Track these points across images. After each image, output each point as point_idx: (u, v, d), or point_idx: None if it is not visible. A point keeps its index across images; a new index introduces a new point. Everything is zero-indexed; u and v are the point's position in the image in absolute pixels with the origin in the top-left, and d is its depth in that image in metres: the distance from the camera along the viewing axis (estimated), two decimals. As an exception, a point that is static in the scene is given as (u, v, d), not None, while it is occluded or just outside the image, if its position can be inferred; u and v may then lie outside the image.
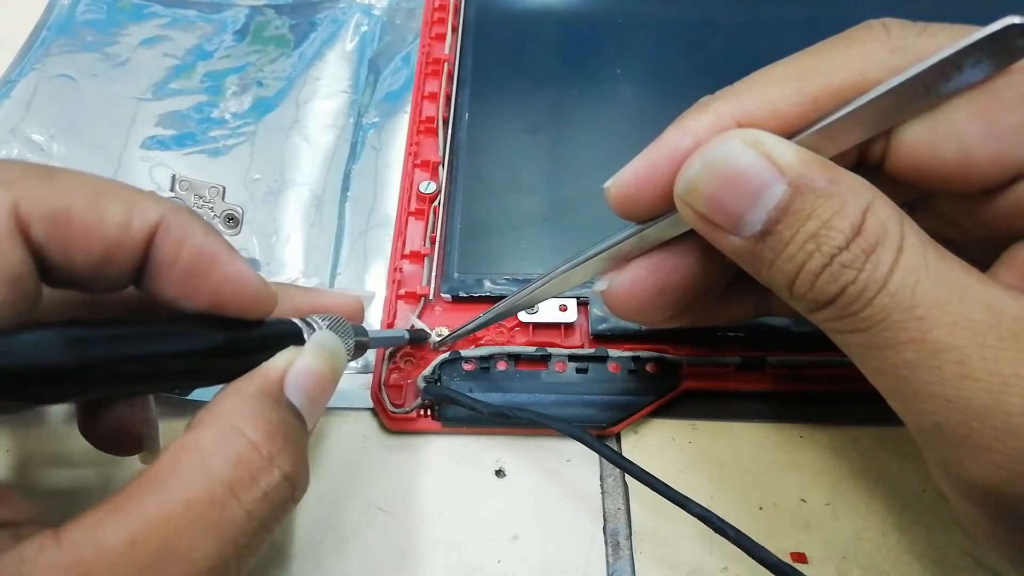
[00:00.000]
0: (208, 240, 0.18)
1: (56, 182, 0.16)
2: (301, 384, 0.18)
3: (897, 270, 0.15)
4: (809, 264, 0.16)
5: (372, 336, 0.23)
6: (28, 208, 0.15)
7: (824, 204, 0.15)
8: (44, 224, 0.15)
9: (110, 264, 0.17)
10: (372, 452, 0.25)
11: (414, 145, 0.32)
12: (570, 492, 0.25)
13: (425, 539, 0.24)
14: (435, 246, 0.29)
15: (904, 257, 0.15)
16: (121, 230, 0.16)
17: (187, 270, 0.17)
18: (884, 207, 0.16)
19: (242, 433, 0.16)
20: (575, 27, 0.37)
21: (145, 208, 0.17)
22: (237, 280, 0.18)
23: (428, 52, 0.36)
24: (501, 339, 0.27)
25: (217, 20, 0.39)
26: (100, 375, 0.15)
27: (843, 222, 0.15)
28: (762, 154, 0.16)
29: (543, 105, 0.33)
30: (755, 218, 0.16)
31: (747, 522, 0.21)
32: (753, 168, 0.16)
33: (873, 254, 0.15)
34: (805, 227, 0.16)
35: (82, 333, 0.15)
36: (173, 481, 0.15)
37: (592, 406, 0.25)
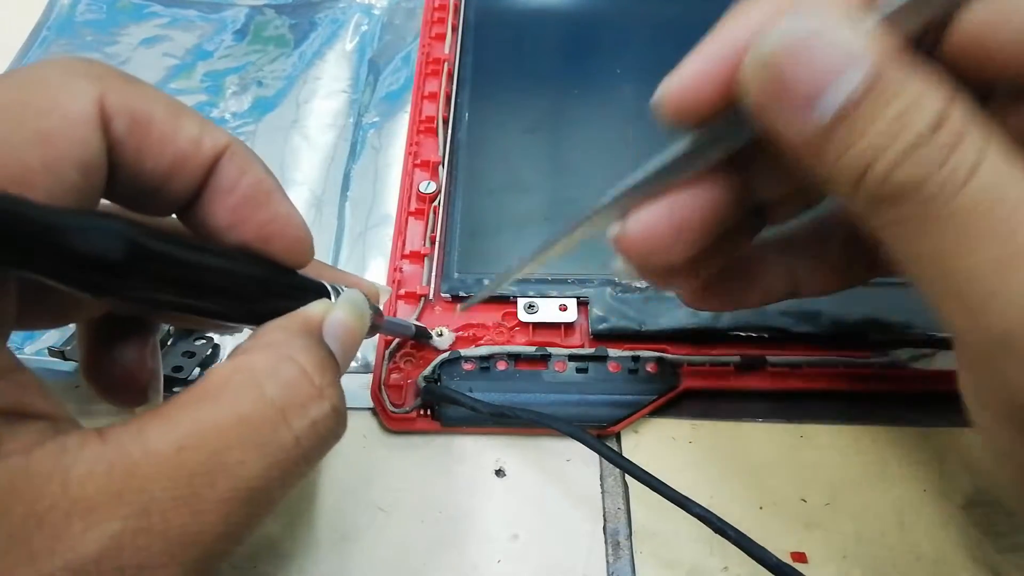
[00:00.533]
0: (267, 176, 0.19)
1: (141, 89, 0.17)
2: (337, 333, 0.18)
3: (983, 167, 0.14)
4: (887, 153, 0.14)
5: (387, 321, 0.23)
6: (113, 103, 0.16)
7: (909, 88, 0.14)
8: (126, 121, 0.16)
9: (176, 176, 0.17)
10: (372, 452, 0.25)
11: (414, 145, 0.32)
12: (570, 492, 0.25)
13: (425, 539, 0.24)
14: (435, 246, 0.29)
15: (991, 151, 0.14)
16: (193, 144, 0.17)
17: (244, 198, 0.18)
18: (966, 103, 0.14)
19: (295, 361, 0.16)
20: (575, 27, 0.37)
21: (216, 132, 0.18)
22: (287, 219, 0.19)
23: (428, 52, 0.36)
24: (501, 339, 0.27)
25: (217, 20, 0.39)
26: (150, 272, 0.15)
27: (925, 112, 0.14)
28: (848, 28, 0.14)
29: (543, 105, 0.33)
30: (831, 100, 0.15)
31: (747, 522, 0.21)
32: (836, 44, 0.14)
33: (960, 145, 0.14)
34: (886, 111, 0.14)
35: (139, 229, 0.15)
36: (225, 396, 0.15)
37: (592, 406, 0.25)
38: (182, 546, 0.14)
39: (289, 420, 0.15)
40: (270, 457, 0.15)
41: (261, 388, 0.15)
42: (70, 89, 0.15)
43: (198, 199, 0.18)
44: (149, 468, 0.14)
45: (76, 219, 0.14)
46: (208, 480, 0.14)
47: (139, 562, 0.13)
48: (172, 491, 0.14)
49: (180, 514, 0.14)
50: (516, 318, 0.27)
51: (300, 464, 0.16)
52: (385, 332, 0.24)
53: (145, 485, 0.14)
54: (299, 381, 0.16)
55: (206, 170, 0.17)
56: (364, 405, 0.26)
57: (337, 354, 0.18)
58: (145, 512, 0.13)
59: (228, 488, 0.14)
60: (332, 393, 0.17)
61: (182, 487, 0.14)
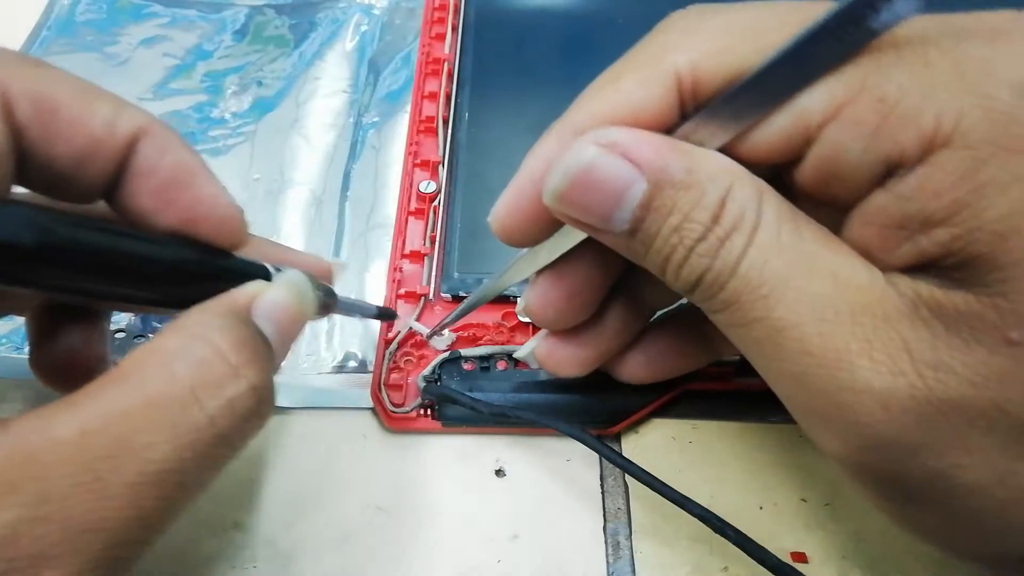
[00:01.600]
0: (190, 155, 0.18)
1: (48, 72, 0.16)
2: (268, 312, 0.18)
3: (749, 252, 0.15)
4: (673, 256, 0.16)
5: (340, 300, 0.22)
6: (16, 89, 0.15)
7: (684, 196, 0.16)
8: (30, 107, 0.16)
9: (90, 162, 0.16)
10: (372, 452, 0.25)
11: (414, 145, 0.32)
12: (570, 492, 0.25)
13: (425, 539, 0.24)
14: (435, 245, 0.29)
15: (757, 238, 0.15)
16: (106, 128, 0.16)
17: (166, 180, 0.17)
18: (743, 189, 0.16)
19: (209, 340, 0.16)
20: (575, 27, 0.37)
21: (132, 113, 0.17)
22: (212, 200, 0.18)
23: (428, 52, 0.36)
24: (501, 339, 0.27)
25: (217, 20, 0.39)
26: (61, 259, 0.15)
27: (702, 213, 0.16)
28: (619, 154, 0.16)
29: (543, 104, 0.33)
30: (621, 217, 0.16)
31: (747, 522, 0.21)
32: (611, 169, 0.16)
33: (728, 240, 0.16)
34: (668, 222, 0.16)
35: (50, 215, 0.15)
36: (133, 379, 0.15)
37: (592, 406, 0.25)
38: (84, 533, 0.13)
39: (201, 400, 0.15)
40: (181, 438, 0.15)
41: (171, 369, 0.15)
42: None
43: (120, 184, 0.17)
44: (49, 456, 0.13)
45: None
46: (113, 464, 0.14)
47: (35, 551, 0.13)
48: (73, 477, 0.13)
49: (82, 500, 0.13)
50: (516, 318, 0.27)
51: (217, 445, 0.15)
52: (342, 312, 0.23)
53: (44, 473, 0.13)
54: (212, 360, 0.15)
55: (122, 153, 0.17)
56: (364, 405, 0.26)
57: (271, 335, 0.17)
58: (43, 500, 0.13)
59: (135, 472, 0.14)
60: (251, 372, 0.16)
61: (84, 473, 0.13)
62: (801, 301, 0.15)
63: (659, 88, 0.16)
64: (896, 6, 0.13)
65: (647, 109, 0.16)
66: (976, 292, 0.14)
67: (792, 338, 0.15)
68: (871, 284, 0.15)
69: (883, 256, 0.16)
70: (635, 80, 0.16)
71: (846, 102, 0.15)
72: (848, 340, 0.15)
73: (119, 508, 0.14)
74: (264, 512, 0.24)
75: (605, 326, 0.22)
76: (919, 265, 0.15)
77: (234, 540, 0.23)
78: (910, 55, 0.14)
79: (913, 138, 0.14)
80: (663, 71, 0.16)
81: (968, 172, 0.14)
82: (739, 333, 0.17)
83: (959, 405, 0.14)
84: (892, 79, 0.14)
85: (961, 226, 0.14)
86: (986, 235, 0.14)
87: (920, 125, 0.14)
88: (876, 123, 0.14)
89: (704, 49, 0.16)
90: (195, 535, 0.23)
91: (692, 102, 0.16)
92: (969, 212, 0.14)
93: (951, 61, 0.14)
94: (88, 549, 0.13)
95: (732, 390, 0.26)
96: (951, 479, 0.15)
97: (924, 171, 0.14)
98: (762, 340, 0.16)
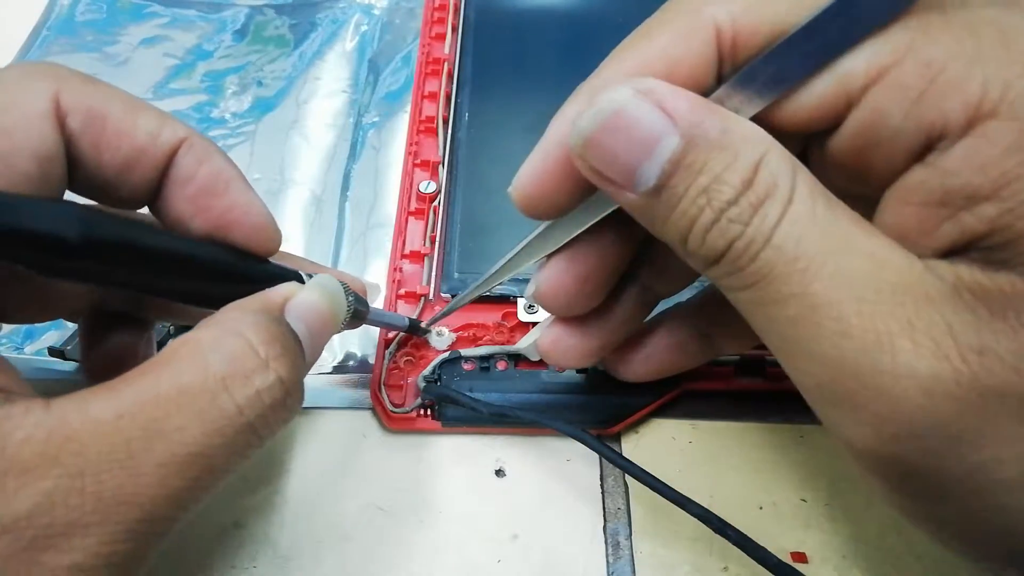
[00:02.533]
0: (227, 165, 0.19)
1: (98, 87, 0.18)
2: (302, 314, 0.18)
3: (783, 223, 0.15)
4: (700, 219, 0.15)
5: (372, 312, 0.23)
6: (69, 100, 0.17)
7: (717, 156, 0.15)
8: (81, 117, 0.17)
9: (134, 169, 0.18)
10: (372, 452, 0.25)
11: (414, 145, 0.32)
12: (570, 492, 0.25)
13: (425, 539, 0.24)
14: (435, 246, 0.29)
15: (792, 209, 0.15)
16: (150, 138, 0.18)
17: (203, 187, 0.19)
18: (777, 158, 0.15)
19: (241, 335, 0.17)
20: (575, 27, 0.37)
21: (174, 125, 0.19)
22: (247, 207, 0.19)
23: (428, 52, 0.36)
24: (501, 339, 0.27)
25: (217, 20, 0.39)
26: (105, 255, 0.16)
27: (734, 175, 0.15)
28: (653, 102, 0.15)
29: (543, 105, 0.33)
30: (649, 172, 0.15)
31: (747, 522, 0.21)
32: (645, 117, 0.15)
33: (761, 207, 0.15)
34: (697, 181, 0.15)
35: (98, 214, 0.16)
36: (167, 369, 0.16)
37: (592, 406, 0.25)
38: (118, 506, 0.14)
39: (230, 390, 0.16)
40: (210, 424, 0.15)
41: (204, 360, 0.16)
42: (26, 88, 0.17)
43: (161, 191, 0.19)
44: (87, 434, 0.14)
45: (32, 201, 0.15)
46: (145, 445, 0.15)
47: (70, 519, 0.14)
48: (108, 455, 0.14)
49: (115, 476, 0.14)
50: (516, 318, 0.27)
51: (245, 433, 0.16)
52: (373, 323, 0.24)
53: (81, 449, 0.14)
54: (243, 353, 0.16)
55: (164, 162, 0.18)
56: (364, 405, 0.26)
57: (303, 335, 0.18)
58: (79, 474, 0.14)
59: (166, 452, 0.15)
60: (279, 365, 0.17)
61: (119, 451, 0.14)
62: (839, 277, 0.14)
63: (697, 42, 0.15)
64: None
65: (683, 64, 0.16)
66: (1022, 273, 0.13)
67: (830, 317, 0.14)
68: (910, 266, 0.14)
69: (921, 239, 0.15)
70: (671, 33, 0.16)
71: (892, 64, 0.14)
72: (889, 321, 0.14)
73: (150, 485, 0.15)
74: (264, 512, 0.24)
75: (612, 315, 0.22)
76: (959, 247, 0.14)
77: (234, 540, 0.23)
78: (957, 22, 0.14)
79: (958, 106, 0.13)
80: (702, 24, 0.15)
81: (1016, 144, 0.13)
82: (769, 312, 0.15)
83: (1003, 393, 0.13)
84: (940, 43, 0.14)
85: (1010, 200, 0.13)
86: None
87: (966, 93, 0.13)
88: (921, 88, 0.14)
89: (744, 1, 0.15)
90: (195, 535, 0.23)
91: (730, 60, 0.16)
92: (1019, 185, 0.13)
93: (998, 30, 0.14)
94: (120, 521, 0.14)
95: (732, 390, 0.26)
96: (988, 474, 0.14)
97: (970, 142, 0.14)
98: (796, 319, 0.15)
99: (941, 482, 0.15)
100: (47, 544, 0.14)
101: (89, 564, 0.14)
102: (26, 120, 0.16)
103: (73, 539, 0.14)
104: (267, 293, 0.19)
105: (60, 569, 0.14)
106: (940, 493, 0.15)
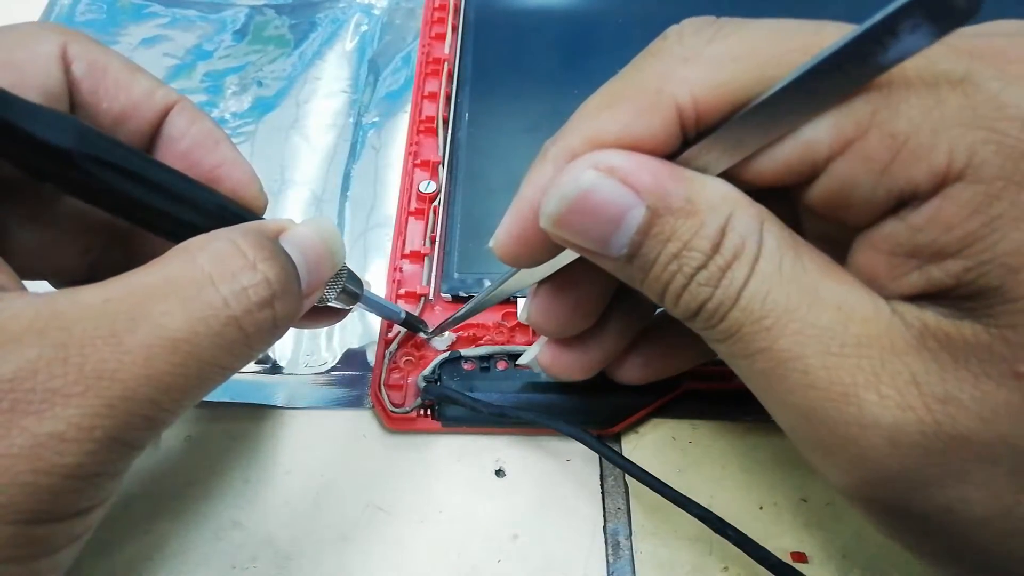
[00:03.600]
0: (214, 126, 0.21)
1: (101, 46, 0.20)
2: (298, 241, 0.19)
3: (751, 282, 0.15)
4: (672, 284, 0.16)
5: (367, 293, 0.23)
6: (75, 49, 0.19)
7: (684, 224, 0.15)
8: (85, 65, 0.19)
9: (130, 120, 0.20)
10: (372, 452, 0.25)
11: (414, 145, 0.32)
12: (570, 492, 0.25)
13: (425, 539, 0.24)
14: (435, 246, 0.29)
15: (759, 267, 0.15)
16: (146, 94, 0.20)
17: (193, 143, 0.20)
18: (744, 217, 0.15)
19: (231, 240, 0.17)
20: (575, 27, 0.37)
21: (167, 90, 0.20)
22: (234, 164, 0.21)
23: (428, 52, 0.36)
24: (501, 339, 0.27)
25: (217, 20, 0.39)
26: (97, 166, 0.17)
27: (703, 241, 0.15)
28: (618, 179, 0.16)
29: (543, 105, 0.33)
30: (619, 242, 0.16)
31: (747, 522, 0.21)
32: (609, 194, 0.16)
33: (729, 270, 0.15)
34: (667, 249, 0.16)
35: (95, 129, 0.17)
36: (157, 265, 0.16)
37: (592, 406, 0.25)
38: (99, 379, 0.15)
39: (216, 283, 0.16)
40: (196, 312, 0.16)
41: (192, 257, 0.17)
42: (36, 34, 0.19)
43: (154, 148, 0.20)
44: (74, 313, 0.15)
45: (35, 105, 0.16)
46: (131, 326, 0.15)
47: (52, 387, 0.14)
48: (94, 331, 0.15)
49: (99, 350, 0.15)
50: (516, 318, 0.27)
51: (232, 328, 0.16)
52: (369, 307, 0.24)
53: (67, 325, 0.15)
54: (230, 253, 0.17)
55: (158, 118, 0.20)
56: (364, 405, 0.26)
57: (299, 262, 0.18)
58: (63, 345, 0.15)
59: (151, 335, 0.15)
60: (267, 268, 0.17)
61: (103, 328, 0.15)
62: (805, 332, 0.15)
63: (659, 120, 0.16)
64: (904, 43, 0.13)
65: (646, 139, 0.16)
66: (985, 323, 0.14)
67: (797, 370, 0.15)
68: (876, 314, 0.15)
69: (890, 283, 0.15)
70: (633, 110, 0.16)
71: (855, 137, 0.14)
72: (855, 373, 0.15)
73: (133, 363, 0.15)
74: (264, 512, 0.24)
75: (607, 331, 0.22)
76: (927, 294, 0.15)
77: (234, 540, 0.23)
78: (920, 88, 0.14)
79: (925, 173, 0.14)
80: (663, 104, 0.16)
81: (981, 206, 0.14)
82: (742, 364, 0.16)
83: (967, 440, 0.14)
84: (902, 114, 0.14)
85: (973, 258, 0.14)
86: (997, 268, 0.14)
87: (932, 161, 0.14)
88: (887, 159, 0.14)
89: (704, 81, 0.15)
90: (195, 535, 0.23)
91: (694, 129, 0.16)
92: (981, 245, 0.14)
93: (962, 94, 0.14)
94: (102, 395, 0.15)
95: (732, 390, 0.26)
96: (957, 512, 0.15)
97: (937, 203, 0.14)
98: (766, 372, 0.16)
99: (916, 519, 0.16)
100: (28, 409, 0.14)
101: (70, 435, 0.14)
102: (35, 58, 0.18)
103: (55, 407, 0.14)
104: (260, 222, 0.19)
105: (41, 435, 0.14)
106: (917, 528, 0.16)
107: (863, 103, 0.14)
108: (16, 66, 0.18)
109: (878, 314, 0.15)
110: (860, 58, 0.13)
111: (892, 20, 0.12)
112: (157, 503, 0.24)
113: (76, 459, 0.15)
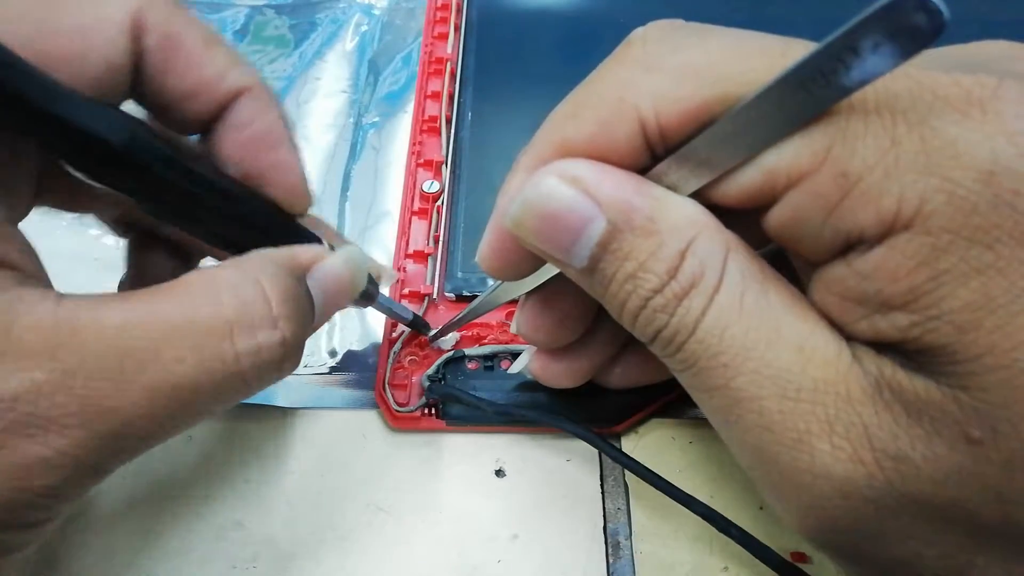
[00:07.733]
0: (280, 124, 0.20)
1: (181, 12, 0.18)
2: (323, 280, 0.19)
3: (708, 315, 0.15)
4: (628, 304, 0.16)
5: (381, 297, 0.23)
6: (150, 17, 0.18)
7: (642, 243, 0.15)
8: (157, 37, 0.18)
9: (195, 100, 0.18)
10: (372, 452, 0.25)
11: (417, 144, 0.32)
12: (570, 492, 0.25)
13: (425, 539, 0.24)
14: (439, 245, 0.29)
15: (718, 299, 0.15)
16: (217, 76, 0.18)
17: (252, 138, 0.19)
18: (707, 243, 0.15)
19: (259, 283, 0.17)
20: (577, 26, 0.37)
21: (243, 70, 0.19)
22: (288, 167, 0.20)
23: (430, 51, 0.36)
24: (504, 338, 0.27)
25: (217, 20, 0.39)
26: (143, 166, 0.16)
27: (659, 264, 0.15)
28: (579, 189, 0.15)
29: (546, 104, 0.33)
30: (580, 253, 0.16)
31: (747, 521, 0.21)
32: (570, 204, 0.15)
33: (686, 298, 0.15)
34: (623, 267, 0.15)
35: (145, 129, 0.17)
36: (183, 297, 0.16)
37: (594, 406, 0.25)
38: (97, 413, 0.15)
39: (235, 337, 0.16)
40: (204, 365, 0.16)
41: (218, 299, 0.16)
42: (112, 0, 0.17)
43: (215, 128, 0.19)
44: (91, 334, 0.15)
45: (88, 102, 0.16)
46: (140, 365, 0.15)
47: (52, 415, 0.14)
48: (102, 362, 0.15)
49: (103, 386, 0.15)
50: (517, 318, 0.27)
51: (235, 382, 0.16)
52: (379, 308, 0.24)
53: (81, 351, 0.15)
54: (256, 303, 0.16)
55: (223, 102, 0.19)
56: (364, 405, 0.26)
57: (317, 301, 0.18)
58: (72, 373, 0.14)
59: (157, 378, 0.15)
60: (287, 326, 0.17)
61: (113, 362, 0.15)
62: (762, 373, 0.15)
63: (622, 131, 0.15)
64: (867, 63, 0.12)
65: (611, 150, 0.16)
66: (938, 380, 0.13)
67: (752, 411, 0.15)
68: (837, 358, 0.14)
69: (843, 327, 0.15)
70: (596, 120, 0.15)
71: (810, 171, 0.14)
72: (809, 420, 0.14)
73: (133, 403, 0.15)
74: (264, 512, 0.24)
75: (596, 340, 0.22)
76: (878, 343, 0.14)
77: (234, 540, 0.23)
78: (877, 127, 0.13)
79: (873, 218, 0.13)
80: (625, 113, 0.15)
81: (927, 259, 0.13)
82: (701, 397, 0.16)
83: (918, 500, 0.14)
84: (857, 153, 0.13)
85: (920, 313, 0.13)
86: (945, 326, 0.13)
87: (881, 207, 0.13)
88: (836, 199, 0.14)
89: (665, 93, 0.15)
90: (196, 535, 0.23)
91: (662, 144, 0.15)
92: (927, 300, 0.13)
93: (919, 138, 0.13)
94: (96, 428, 0.15)
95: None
96: (911, 565, 0.15)
97: (882, 252, 0.13)
98: (723, 409, 0.15)
99: (869, 565, 0.16)
100: (23, 432, 0.14)
101: (55, 462, 0.14)
102: (103, 25, 0.17)
103: (50, 434, 0.14)
104: (295, 249, 0.19)
105: (29, 457, 0.14)
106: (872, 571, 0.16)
107: (822, 134, 0.14)
108: (83, 31, 0.17)
109: (839, 358, 0.14)
110: (823, 76, 0.13)
111: (852, 35, 0.12)
112: (158, 503, 0.24)
113: (53, 481, 0.15)
